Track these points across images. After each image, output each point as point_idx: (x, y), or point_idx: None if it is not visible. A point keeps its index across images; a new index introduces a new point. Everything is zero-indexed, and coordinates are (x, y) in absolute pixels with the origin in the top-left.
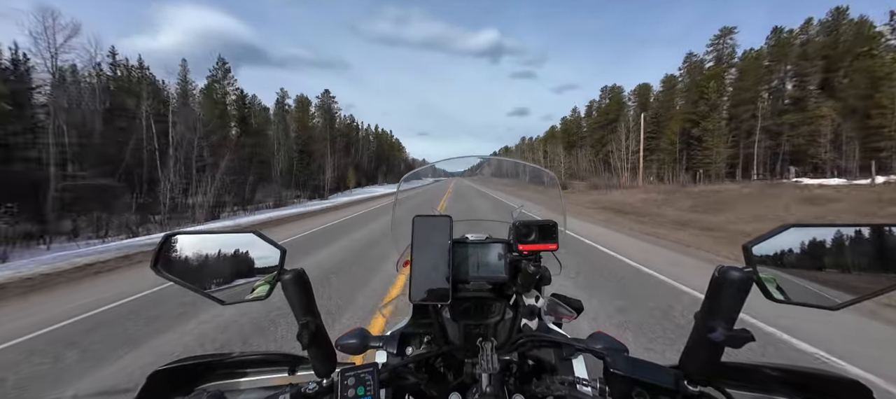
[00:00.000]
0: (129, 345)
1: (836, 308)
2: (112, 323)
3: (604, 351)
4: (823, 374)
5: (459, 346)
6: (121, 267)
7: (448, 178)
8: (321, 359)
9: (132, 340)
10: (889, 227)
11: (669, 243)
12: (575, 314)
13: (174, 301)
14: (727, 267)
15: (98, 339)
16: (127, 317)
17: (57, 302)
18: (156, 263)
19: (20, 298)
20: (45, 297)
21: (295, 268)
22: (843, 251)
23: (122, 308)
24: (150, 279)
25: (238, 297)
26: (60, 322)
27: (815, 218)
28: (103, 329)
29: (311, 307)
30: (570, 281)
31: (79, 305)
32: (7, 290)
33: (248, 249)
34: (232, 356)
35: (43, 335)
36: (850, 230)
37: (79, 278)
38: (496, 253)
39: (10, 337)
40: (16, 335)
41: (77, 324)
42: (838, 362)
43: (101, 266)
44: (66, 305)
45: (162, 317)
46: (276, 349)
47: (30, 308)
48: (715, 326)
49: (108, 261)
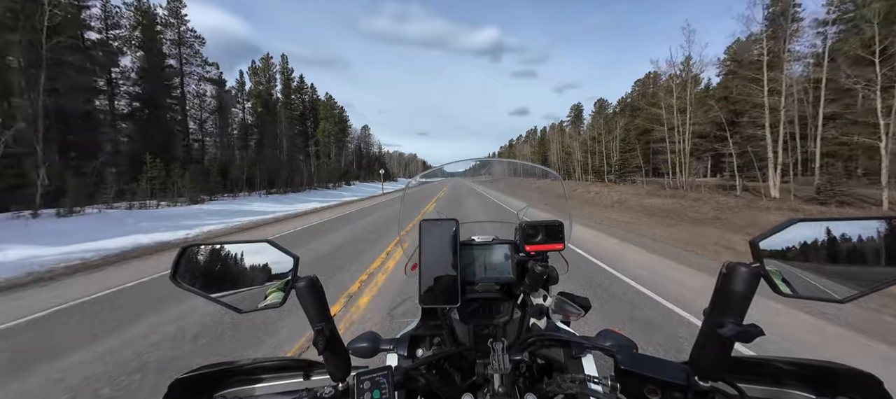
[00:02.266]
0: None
1: (843, 301)
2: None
3: (613, 348)
4: (834, 367)
5: (470, 346)
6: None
7: (456, 179)
8: (336, 363)
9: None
10: (893, 220)
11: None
12: (583, 312)
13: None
14: (735, 263)
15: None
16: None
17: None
18: (174, 275)
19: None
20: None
21: (308, 275)
22: (848, 245)
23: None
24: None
25: (253, 305)
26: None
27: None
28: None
29: (325, 313)
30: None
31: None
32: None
33: (261, 258)
34: (248, 363)
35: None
36: (855, 224)
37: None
38: (503, 254)
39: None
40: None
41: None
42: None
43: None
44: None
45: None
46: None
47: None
48: (724, 322)
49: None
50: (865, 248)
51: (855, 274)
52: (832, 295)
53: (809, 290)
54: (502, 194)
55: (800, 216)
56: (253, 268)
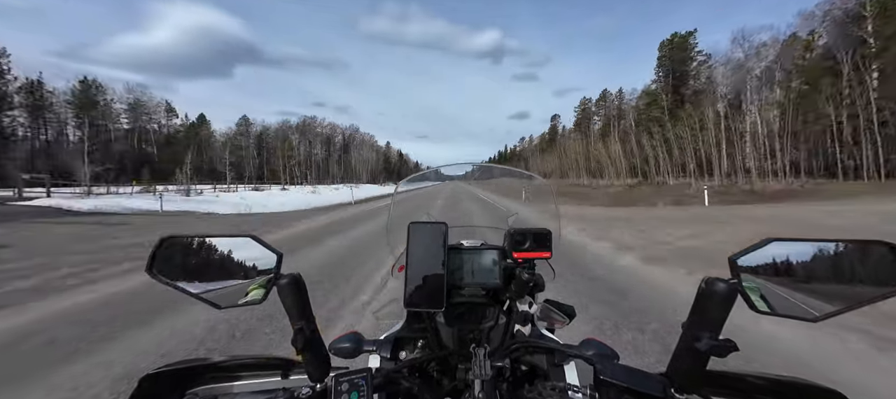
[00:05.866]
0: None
1: (817, 320)
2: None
3: (594, 357)
4: (804, 384)
5: (453, 351)
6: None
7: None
8: (315, 364)
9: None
10: (866, 243)
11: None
12: (568, 320)
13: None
14: (713, 278)
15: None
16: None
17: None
18: (151, 267)
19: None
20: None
21: (291, 272)
22: (822, 265)
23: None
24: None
25: (233, 301)
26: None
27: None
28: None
29: (307, 311)
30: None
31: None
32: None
33: (244, 253)
34: (224, 360)
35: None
36: (829, 245)
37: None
38: (491, 259)
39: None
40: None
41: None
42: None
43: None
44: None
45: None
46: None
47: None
48: (701, 336)
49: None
50: (839, 267)
51: (829, 292)
52: (807, 312)
53: (785, 307)
54: (493, 194)
55: (776, 235)
56: (235, 263)
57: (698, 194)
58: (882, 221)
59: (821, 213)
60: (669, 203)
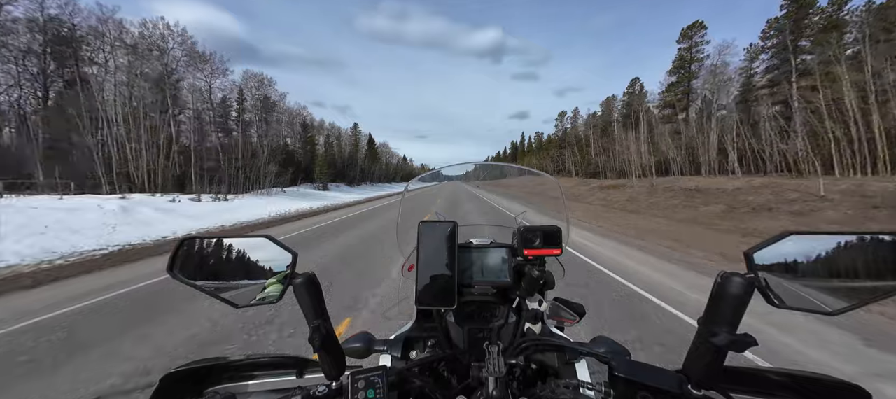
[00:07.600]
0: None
1: (834, 314)
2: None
3: (607, 355)
4: (825, 379)
5: (465, 349)
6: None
7: (450, 182)
8: (331, 362)
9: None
10: (885, 236)
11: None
12: (577, 318)
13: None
14: (729, 273)
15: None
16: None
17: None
18: (172, 267)
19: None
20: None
21: (306, 272)
22: (840, 259)
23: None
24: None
25: (249, 300)
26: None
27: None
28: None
29: (322, 310)
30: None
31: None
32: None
33: (260, 253)
34: (241, 359)
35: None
36: (847, 238)
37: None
38: (500, 257)
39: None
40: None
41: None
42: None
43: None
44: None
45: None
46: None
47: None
48: (718, 331)
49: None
50: (856, 261)
51: (846, 287)
52: (823, 307)
53: (801, 301)
54: (499, 197)
55: (794, 229)
56: (251, 263)
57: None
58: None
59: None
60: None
